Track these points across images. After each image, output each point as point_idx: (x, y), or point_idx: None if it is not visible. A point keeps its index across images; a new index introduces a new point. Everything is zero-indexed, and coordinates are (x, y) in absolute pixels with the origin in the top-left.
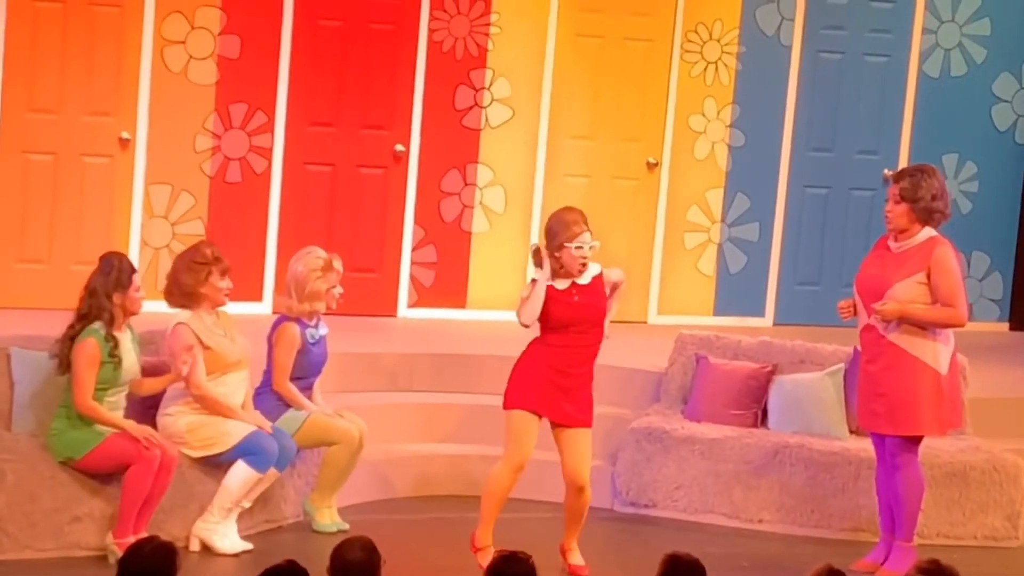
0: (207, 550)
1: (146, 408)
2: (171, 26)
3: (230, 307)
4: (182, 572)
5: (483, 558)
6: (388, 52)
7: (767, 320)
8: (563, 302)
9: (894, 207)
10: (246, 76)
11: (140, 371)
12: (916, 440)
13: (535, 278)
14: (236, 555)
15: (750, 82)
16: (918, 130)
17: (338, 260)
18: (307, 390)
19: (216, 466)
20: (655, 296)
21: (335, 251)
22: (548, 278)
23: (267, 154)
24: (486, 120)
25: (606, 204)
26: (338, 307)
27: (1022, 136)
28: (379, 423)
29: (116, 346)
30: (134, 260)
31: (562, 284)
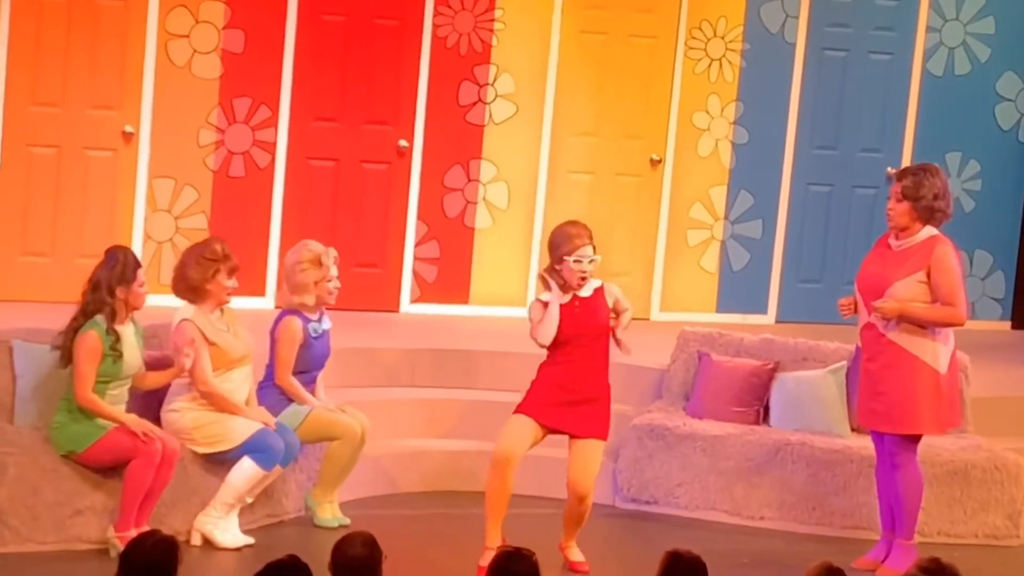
0: (208, 544)
1: (149, 403)
2: (175, 20)
3: (232, 302)
4: (183, 566)
5: (485, 559)
6: (392, 47)
7: (769, 317)
8: (565, 315)
9: (896, 205)
10: (250, 71)
11: (143, 365)
12: (915, 439)
13: (540, 299)
14: (237, 549)
15: (754, 79)
16: (922, 128)
17: (331, 255)
18: (310, 384)
19: (219, 461)
20: (658, 293)
21: (338, 246)
22: (560, 297)
23: (271, 149)
24: (490, 116)
25: (609, 201)
26: (341, 303)
27: None
28: (381, 418)
29: (118, 339)
30: (137, 254)
31: (564, 298)
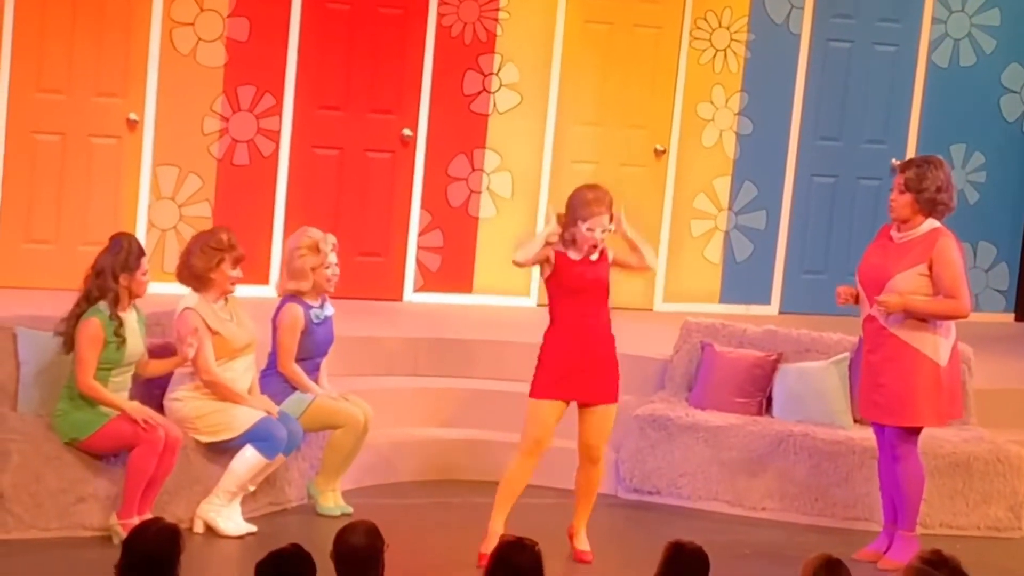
0: (211, 532)
1: (152, 390)
2: (180, 8)
3: (236, 291)
4: (186, 554)
5: (487, 546)
6: (397, 36)
7: (773, 308)
8: (575, 268)
9: (898, 196)
10: (255, 59)
11: (146, 352)
12: (916, 431)
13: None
14: (240, 537)
15: (759, 70)
16: (926, 120)
17: (329, 242)
18: (313, 372)
19: (221, 449)
20: (661, 283)
21: (342, 235)
22: (553, 231)
23: (275, 137)
24: (494, 105)
25: (613, 191)
26: (344, 291)
27: None
28: (384, 407)
29: (120, 326)
30: (141, 241)
31: (575, 255)
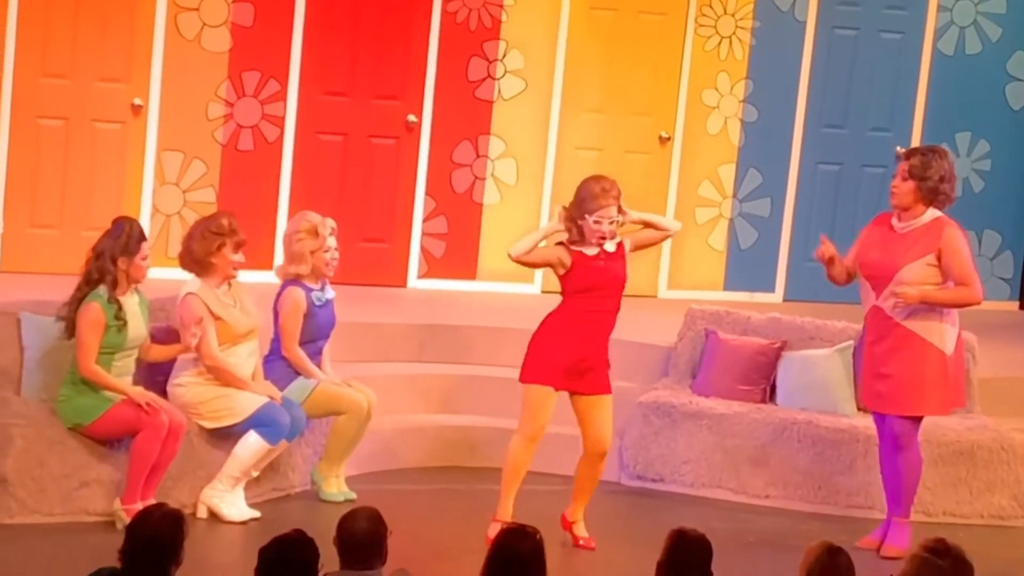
0: (215, 517)
1: (155, 376)
2: None
3: (240, 276)
4: (189, 539)
5: (493, 531)
6: (402, 22)
7: (777, 296)
8: (592, 266)
9: (901, 183)
10: (259, 44)
11: (149, 336)
12: (919, 420)
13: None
14: (243, 523)
15: (764, 57)
16: (931, 108)
17: (328, 226)
18: (316, 356)
19: (225, 435)
20: (665, 270)
21: (346, 221)
22: (555, 227)
23: (279, 123)
24: (499, 92)
25: (618, 178)
26: (348, 277)
27: None
28: (388, 393)
29: (120, 309)
30: (145, 227)
31: (591, 250)
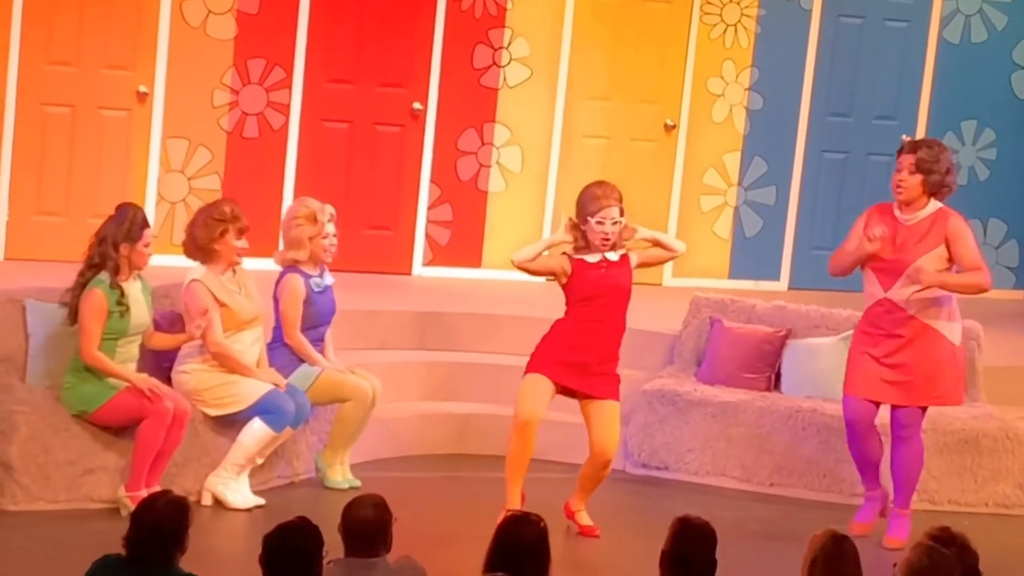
0: (219, 505)
1: (160, 363)
2: None
3: (245, 263)
4: (194, 527)
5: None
6: (407, 10)
7: (782, 284)
8: (591, 275)
9: (908, 177)
10: (264, 31)
11: (152, 322)
12: (924, 411)
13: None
14: (248, 510)
15: (769, 45)
16: (937, 96)
17: (327, 212)
18: (319, 343)
19: (229, 422)
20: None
21: (351, 208)
22: (561, 237)
23: (284, 110)
24: (504, 79)
25: (623, 166)
26: (353, 264)
27: None
28: (393, 381)
29: (122, 295)
30: (150, 214)
31: (593, 257)
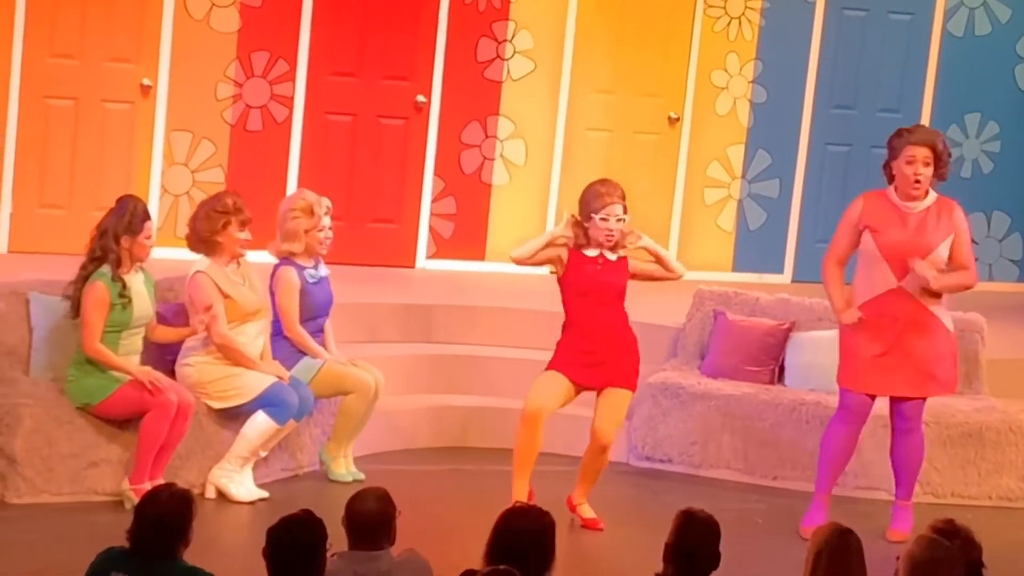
0: (223, 497)
1: (164, 356)
2: None
3: (249, 256)
4: (198, 519)
5: None
6: (411, 2)
7: (786, 277)
8: (587, 269)
9: (924, 170)
10: (268, 24)
11: (155, 315)
12: (924, 401)
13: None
14: (252, 503)
15: (773, 38)
16: (941, 89)
17: (323, 205)
18: (317, 334)
19: (233, 415)
20: (674, 251)
21: (354, 201)
22: (561, 232)
23: (288, 103)
24: (508, 72)
25: (627, 159)
26: (356, 257)
27: None
28: (396, 373)
29: (125, 287)
30: (154, 207)
31: (591, 252)
